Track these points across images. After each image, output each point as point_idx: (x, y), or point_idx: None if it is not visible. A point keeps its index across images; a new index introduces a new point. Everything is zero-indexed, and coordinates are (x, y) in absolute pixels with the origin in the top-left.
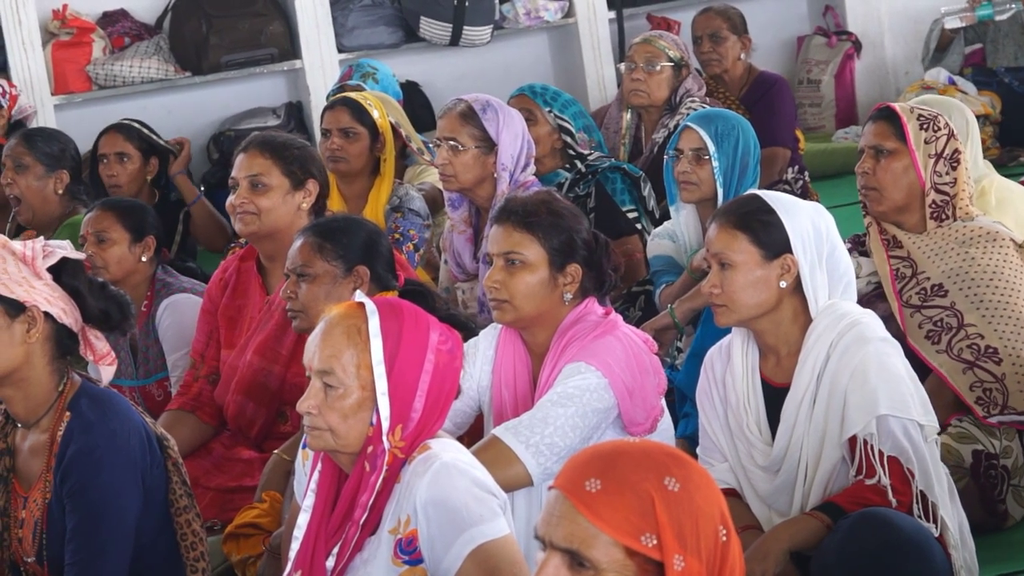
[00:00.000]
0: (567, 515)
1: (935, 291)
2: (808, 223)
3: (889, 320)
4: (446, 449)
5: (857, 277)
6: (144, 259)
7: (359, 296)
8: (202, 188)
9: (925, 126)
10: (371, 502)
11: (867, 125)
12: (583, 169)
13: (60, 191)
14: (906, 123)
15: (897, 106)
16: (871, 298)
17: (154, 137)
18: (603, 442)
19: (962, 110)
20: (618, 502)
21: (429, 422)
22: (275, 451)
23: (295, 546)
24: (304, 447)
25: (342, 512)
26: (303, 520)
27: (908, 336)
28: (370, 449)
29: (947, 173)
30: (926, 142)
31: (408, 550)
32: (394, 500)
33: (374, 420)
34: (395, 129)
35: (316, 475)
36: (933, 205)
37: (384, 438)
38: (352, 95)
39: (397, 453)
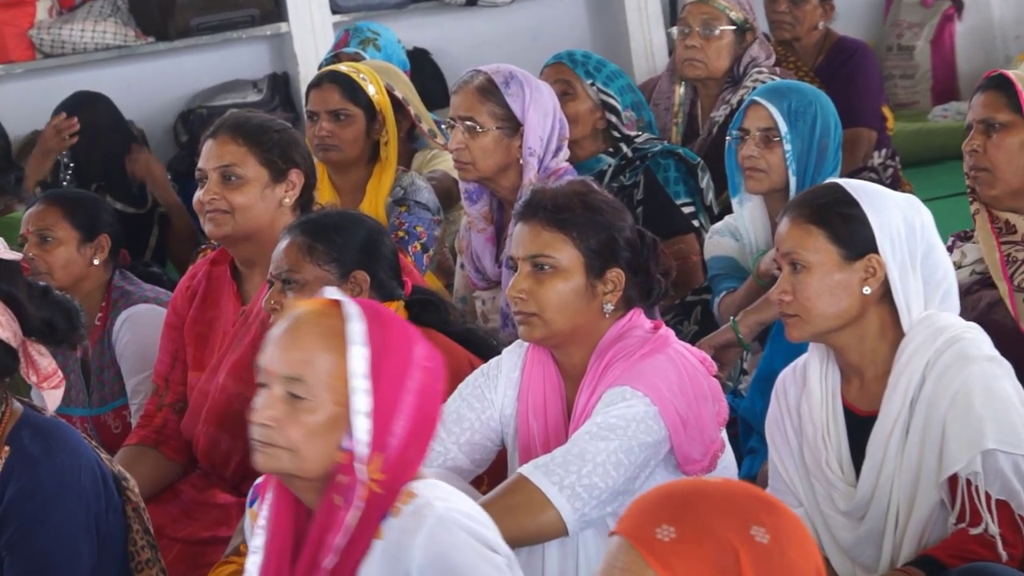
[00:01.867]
0: (632, 568)
1: None
2: (899, 218)
3: (996, 306)
4: (436, 495)
5: (959, 267)
6: (96, 262)
7: (332, 292)
8: (175, 186)
9: None
10: (337, 543)
11: (975, 96)
12: (630, 154)
13: None
14: (1021, 91)
15: (1011, 73)
16: (972, 287)
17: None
18: (678, 481)
19: None
20: (695, 554)
21: (410, 455)
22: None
23: None
24: (251, 505)
25: (309, 559)
26: (253, 564)
27: (1021, 322)
28: (341, 479)
29: None
30: None
31: None
32: (375, 560)
33: (346, 443)
34: (402, 106)
35: (265, 509)
36: None
37: (360, 467)
38: (343, 68)
39: (375, 488)
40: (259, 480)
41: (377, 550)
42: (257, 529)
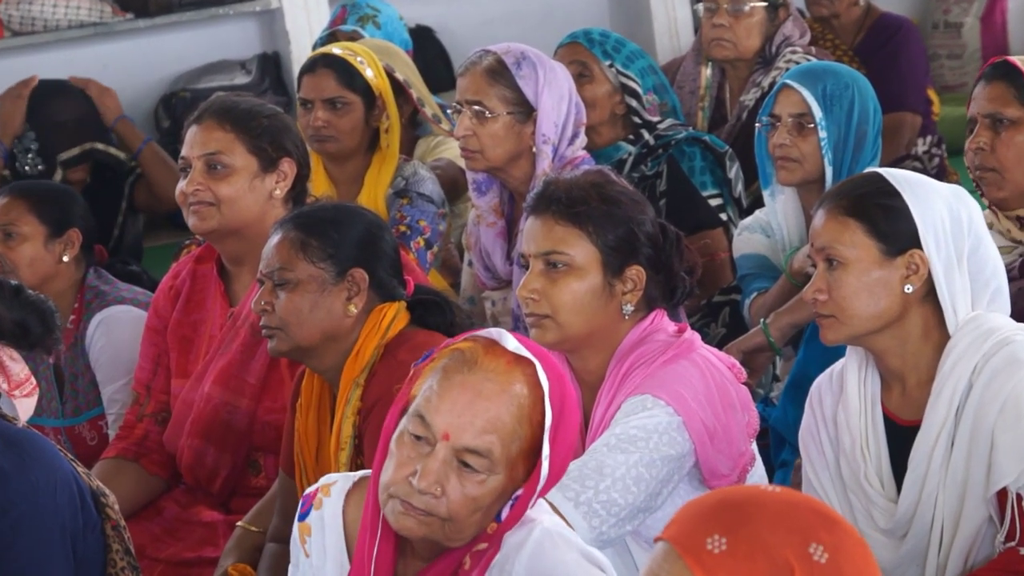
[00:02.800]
0: None
1: None
2: (944, 210)
3: None
4: (540, 509)
5: None
6: (66, 259)
7: (511, 342)
8: (148, 137)
9: None
10: None
11: (978, 87)
12: (652, 141)
13: None
14: None
15: (1016, 60)
16: None
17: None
18: (734, 487)
19: None
20: (746, 570)
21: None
22: (238, 523)
23: None
24: (303, 519)
25: None
26: None
27: None
28: (482, 547)
29: None
30: None
31: None
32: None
33: (504, 513)
34: (404, 89)
35: (333, 536)
36: None
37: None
38: (338, 51)
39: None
40: (309, 489)
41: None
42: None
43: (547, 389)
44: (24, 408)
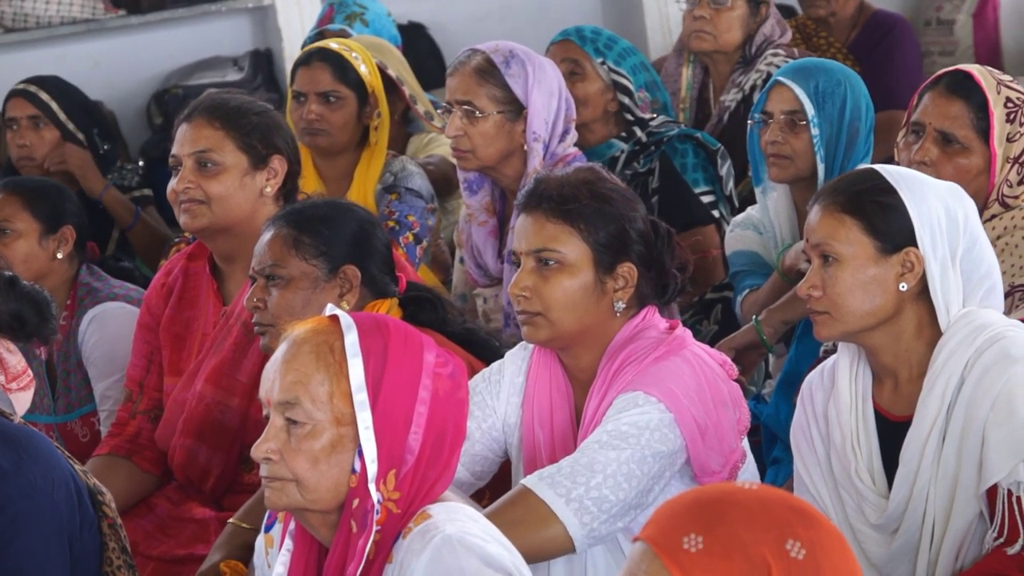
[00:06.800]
0: None
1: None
2: (940, 208)
3: None
4: (452, 518)
5: None
6: (60, 256)
7: (331, 308)
8: (138, 208)
9: (1012, 116)
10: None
11: (935, 94)
12: (644, 138)
13: None
14: (992, 110)
15: (980, 77)
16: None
17: (63, 114)
18: (710, 486)
19: None
20: (723, 568)
21: (431, 470)
22: (230, 520)
23: None
24: (268, 530)
25: None
26: None
27: None
28: (355, 503)
29: (1018, 184)
30: (1009, 139)
31: None
32: None
33: (357, 465)
34: (397, 86)
35: (285, 553)
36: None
37: (372, 487)
38: (333, 45)
39: (391, 508)
40: None
41: (386, 574)
42: (278, 565)
43: (349, 333)
44: (20, 402)
